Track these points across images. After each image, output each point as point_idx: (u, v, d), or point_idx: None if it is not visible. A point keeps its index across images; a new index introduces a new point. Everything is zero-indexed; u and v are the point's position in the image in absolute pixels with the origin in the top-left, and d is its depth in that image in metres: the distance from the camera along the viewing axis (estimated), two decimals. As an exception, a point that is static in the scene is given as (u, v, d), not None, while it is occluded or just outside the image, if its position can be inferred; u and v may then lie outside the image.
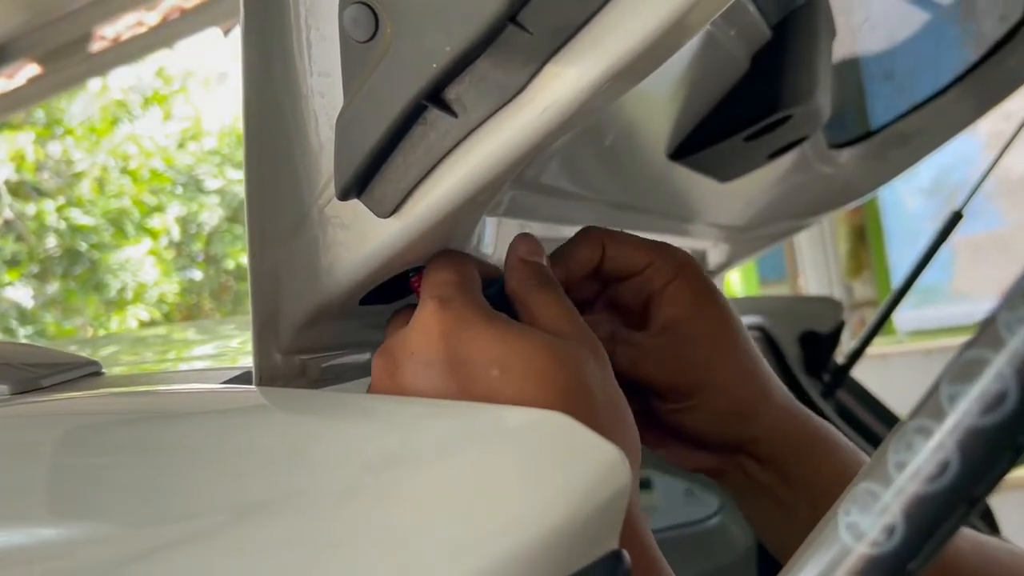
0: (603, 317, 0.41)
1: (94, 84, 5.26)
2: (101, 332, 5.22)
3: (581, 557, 0.23)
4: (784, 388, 0.41)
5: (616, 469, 0.24)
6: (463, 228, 0.37)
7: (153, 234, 5.48)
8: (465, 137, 0.31)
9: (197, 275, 5.83)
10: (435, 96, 0.30)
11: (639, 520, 0.31)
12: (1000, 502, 1.20)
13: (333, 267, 0.34)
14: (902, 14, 0.98)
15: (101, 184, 5.39)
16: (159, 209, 5.55)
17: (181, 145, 5.74)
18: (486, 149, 0.31)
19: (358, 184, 0.32)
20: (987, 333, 0.16)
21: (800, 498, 0.39)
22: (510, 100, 0.30)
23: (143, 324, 5.21)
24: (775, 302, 1.35)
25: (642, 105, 0.58)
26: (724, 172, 0.74)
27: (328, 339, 0.38)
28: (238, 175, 6.10)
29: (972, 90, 1.00)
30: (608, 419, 0.32)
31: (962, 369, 0.16)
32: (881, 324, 1.16)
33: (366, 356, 0.43)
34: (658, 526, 1.42)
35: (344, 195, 0.32)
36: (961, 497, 0.16)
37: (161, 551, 0.24)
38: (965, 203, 1.11)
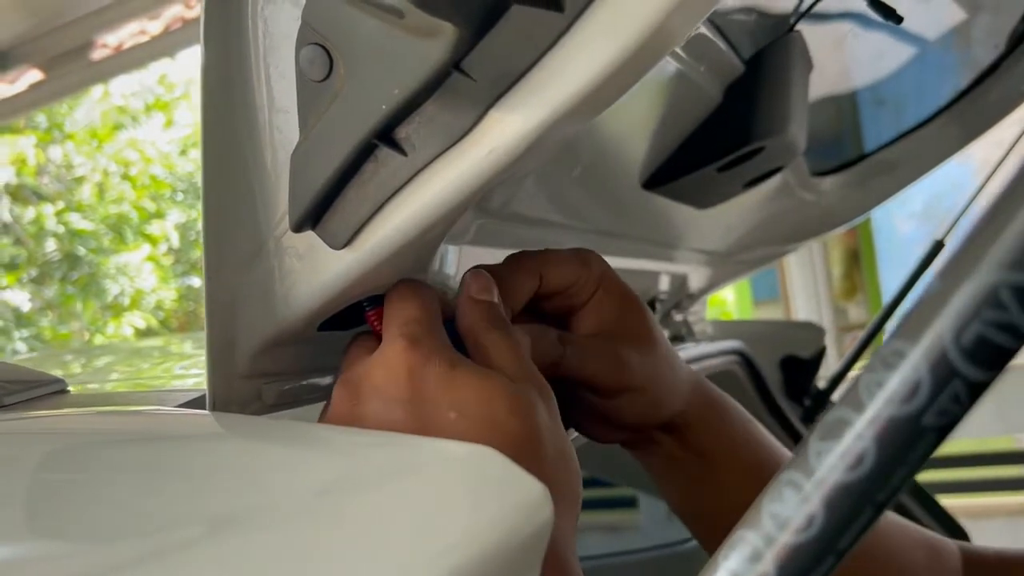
0: (546, 323, 0.42)
1: (96, 90, 5.28)
2: (97, 337, 5.23)
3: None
4: (688, 367, 0.44)
5: (539, 505, 0.25)
6: (419, 259, 0.37)
7: (152, 240, 5.50)
8: (415, 175, 0.32)
9: (195, 282, 5.83)
10: (385, 135, 0.31)
11: (569, 563, 0.32)
12: (981, 529, 1.21)
13: (288, 296, 0.35)
14: (895, 41, 0.99)
15: (101, 189, 5.41)
16: (159, 215, 5.56)
17: (182, 152, 5.77)
18: (435, 187, 0.32)
19: (312, 217, 0.33)
20: (849, 396, 0.17)
21: (696, 459, 0.44)
22: (457, 141, 0.31)
23: (139, 332, 5.21)
24: (756, 326, 1.36)
25: (614, 136, 0.59)
26: (700, 200, 0.75)
27: (285, 364, 0.39)
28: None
29: (957, 119, 1.01)
30: (554, 466, 0.33)
31: (828, 427, 0.17)
32: (863, 350, 1.17)
33: (324, 380, 0.44)
34: (640, 546, 1.42)
35: (298, 227, 0.33)
36: (827, 549, 0.17)
37: (114, 569, 0.25)
38: (947, 232, 1.12)
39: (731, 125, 0.64)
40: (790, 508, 0.17)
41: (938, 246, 1.12)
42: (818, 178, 1.01)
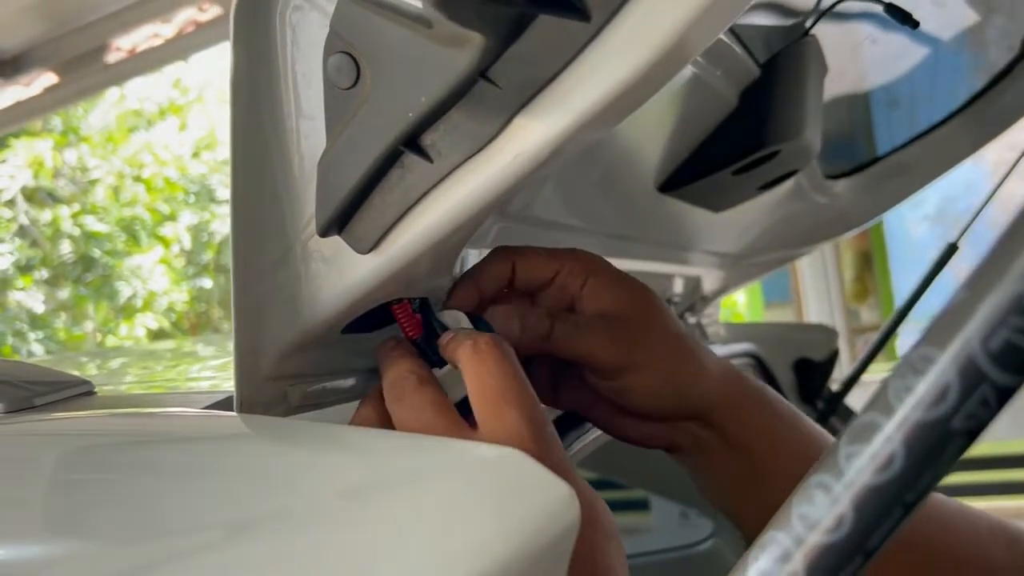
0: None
1: (112, 93, 5.32)
2: (110, 338, 5.26)
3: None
4: (720, 359, 0.43)
5: (566, 507, 0.25)
6: (442, 262, 0.38)
7: (165, 242, 5.53)
8: (440, 181, 0.32)
9: (207, 284, 5.85)
10: (412, 142, 0.32)
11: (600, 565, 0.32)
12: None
13: (315, 299, 0.36)
14: (910, 43, 0.99)
15: (116, 192, 5.45)
16: (172, 218, 5.59)
17: (195, 155, 5.80)
18: (460, 192, 0.32)
19: (339, 222, 0.34)
20: (877, 400, 0.17)
21: (738, 454, 0.42)
22: (482, 148, 0.31)
23: (151, 333, 5.24)
24: (769, 329, 1.36)
25: (631, 140, 0.60)
26: (715, 203, 0.76)
27: (310, 366, 0.39)
28: (250, 185, 6.14)
29: (971, 122, 1.01)
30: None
31: (857, 431, 0.17)
32: (876, 352, 1.16)
33: (348, 382, 0.44)
34: (652, 548, 1.43)
35: (325, 232, 0.34)
36: (856, 550, 0.17)
37: (138, 570, 0.25)
38: (961, 235, 1.12)
39: (746, 129, 0.64)
40: (820, 510, 0.18)
41: (952, 249, 1.12)
42: (831, 181, 1.01)
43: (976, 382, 0.16)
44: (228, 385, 0.40)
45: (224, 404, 0.39)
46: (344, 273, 0.35)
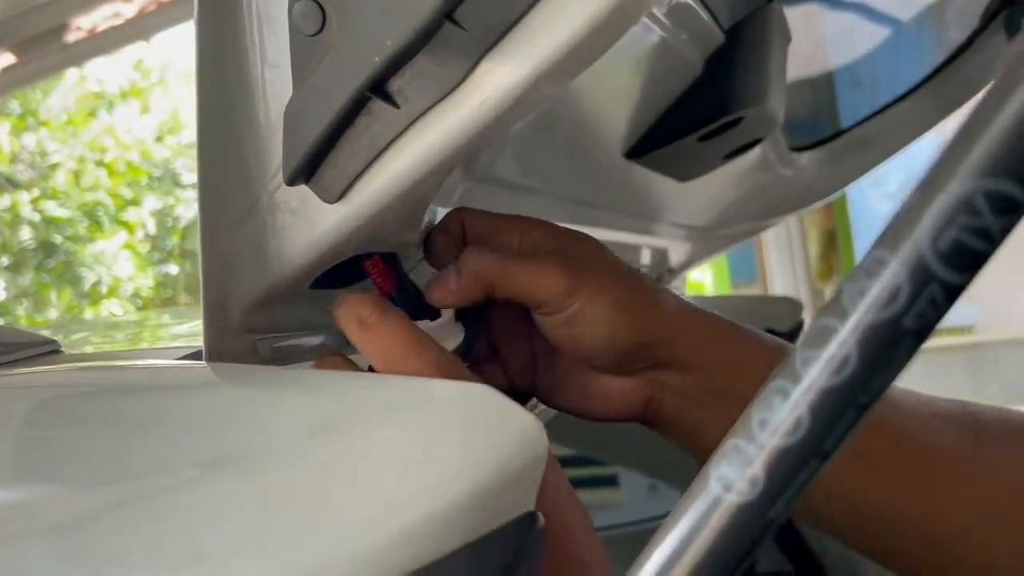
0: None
1: (71, 75, 5.22)
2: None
3: (500, 516, 0.25)
4: (676, 296, 0.42)
5: (534, 436, 0.26)
6: (410, 215, 0.38)
7: (129, 227, 5.45)
8: (407, 127, 0.32)
9: (173, 269, 5.79)
10: (378, 88, 0.32)
11: (562, 494, 0.33)
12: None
13: (282, 251, 0.36)
14: (869, 22, 1.00)
15: (77, 176, 5.35)
16: (135, 202, 5.51)
17: (158, 138, 5.71)
18: (428, 139, 0.32)
19: (306, 170, 0.34)
20: (834, 304, 0.18)
21: (714, 396, 0.41)
22: (449, 93, 0.31)
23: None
24: (734, 301, 1.37)
25: (596, 104, 0.60)
26: (681, 172, 0.76)
27: (278, 321, 0.39)
28: (216, 169, 6.08)
29: (933, 95, 1.02)
30: None
31: (813, 336, 0.18)
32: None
33: (317, 339, 0.45)
34: (622, 521, 1.44)
35: (292, 181, 0.34)
36: (813, 452, 0.18)
37: (109, 509, 0.25)
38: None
39: (711, 95, 0.65)
40: (778, 414, 0.18)
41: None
42: (796, 153, 1.02)
43: (925, 281, 0.16)
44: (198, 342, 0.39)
45: (194, 357, 0.39)
46: (312, 224, 0.35)
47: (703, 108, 0.65)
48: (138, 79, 5.60)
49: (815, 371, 0.18)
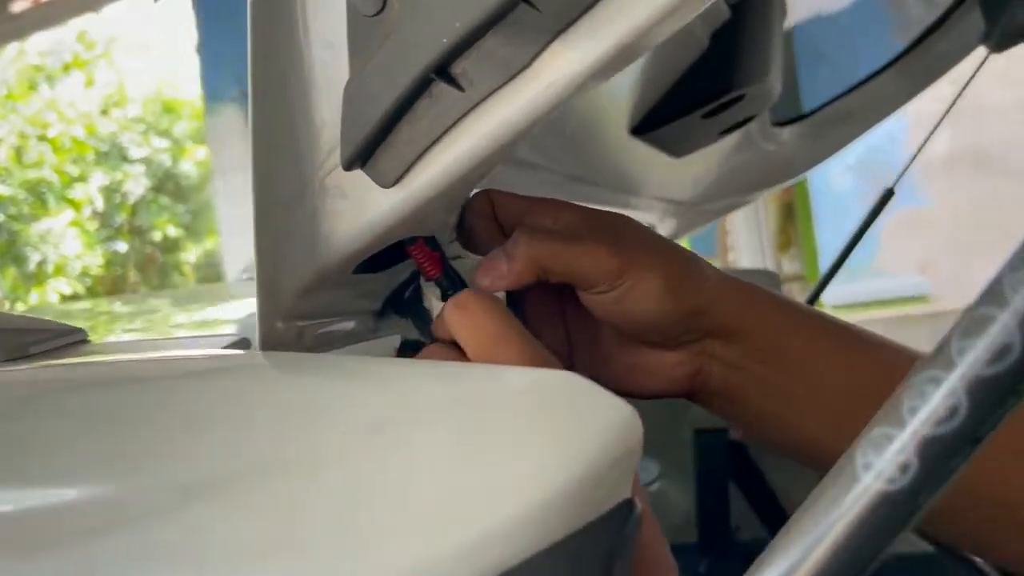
0: None
1: (10, 49, 5.03)
2: (19, 306, 5.04)
3: (600, 505, 0.25)
4: (712, 266, 0.43)
5: (631, 423, 0.26)
6: (459, 200, 0.38)
7: (75, 205, 5.30)
8: (469, 111, 0.32)
9: (122, 247, 5.65)
10: (442, 70, 0.31)
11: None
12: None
13: (332, 235, 0.35)
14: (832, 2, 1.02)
15: (18, 153, 5.18)
16: (81, 179, 5.36)
17: (104, 112, 5.55)
18: (489, 123, 0.32)
19: (363, 154, 0.33)
20: (993, 293, 0.18)
21: (765, 363, 0.41)
22: (515, 76, 0.31)
23: (64, 298, 5.04)
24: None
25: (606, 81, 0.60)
26: (679, 148, 0.76)
27: (323, 306, 0.39)
28: (163, 143, 5.94)
29: (906, 72, 1.04)
30: None
31: (970, 325, 0.18)
32: (815, 298, 1.21)
33: (350, 324, 0.44)
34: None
35: (349, 165, 0.33)
36: (968, 439, 0.18)
37: (175, 510, 0.25)
38: (897, 180, 1.16)
39: (716, 72, 0.65)
40: (931, 402, 0.18)
41: (888, 194, 1.16)
42: (778, 128, 1.03)
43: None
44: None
45: (239, 345, 0.38)
46: (364, 209, 0.35)
47: (708, 85, 0.65)
48: (82, 52, 5.42)
49: (972, 359, 0.18)
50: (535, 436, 0.25)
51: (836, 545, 0.19)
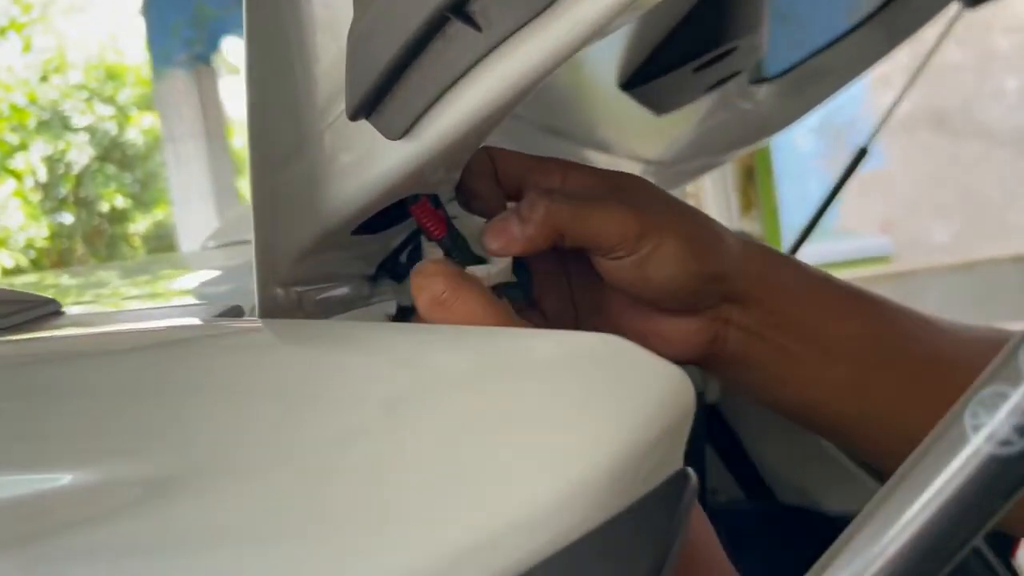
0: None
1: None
2: (-39, 281, 4.87)
3: (651, 480, 0.23)
4: (729, 230, 0.42)
5: (683, 387, 0.24)
6: (467, 154, 0.35)
7: (16, 175, 5.13)
8: (487, 53, 0.29)
9: (68, 219, 5.50)
10: (458, 8, 0.29)
11: None
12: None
13: (334, 193, 0.33)
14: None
15: (-46, 121, 4.98)
16: (22, 148, 5.18)
17: (44, 78, 5.35)
18: (509, 66, 0.29)
19: (369, 104, 0.30)
20: None
21: (785, 330, 0.40)
22: (538, 14, 0.28)
23: (7, 271, 4.89)
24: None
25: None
26: (665, 104, 0.74)
27: (321, 270, 0.36)
28: (108, 111, 5.75)
29: (881, 28, 1.03)
30: None
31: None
32: (798, 247, 1.20)
33: (343, 290, 0.41)
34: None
35: (354, 115, 0.31)
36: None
37: (197, 489, 0.23)
38: (870, 139, 1.16)
39: (708, 24, 0.63)
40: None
41: (862, 153, 1.16)
42: (755, 86, 1.02)
43: None
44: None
45: (231, 314, 0.36)
46: (369, 163, 0.32)
47: (701, 37, 0.63)
48: (18, 14, 5.21)
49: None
50: (575, 406, 0.23)
51: (942, 511, 0.18)
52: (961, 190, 2.53)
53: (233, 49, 3.82)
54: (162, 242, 5.77)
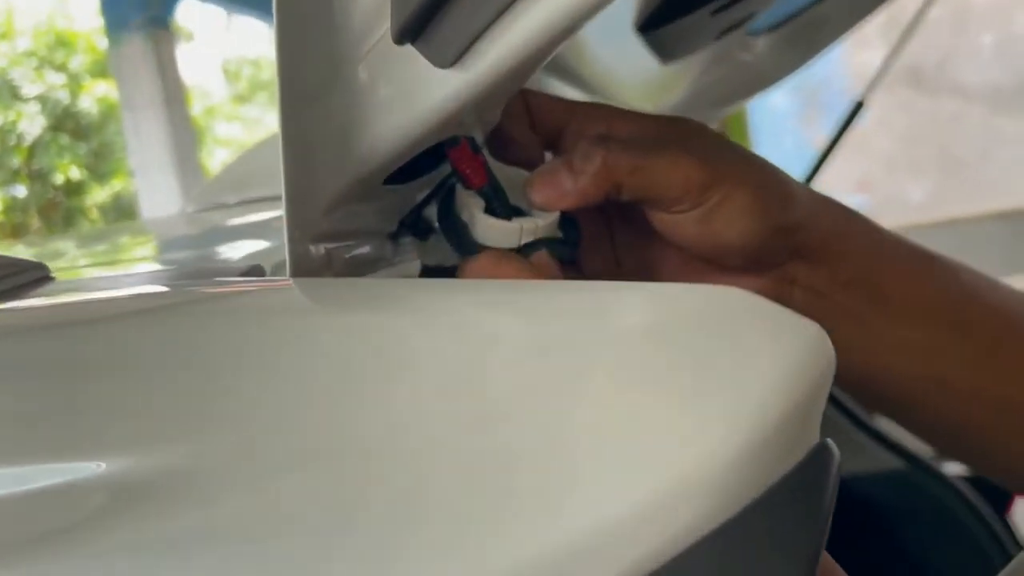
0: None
1: None
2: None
3: (788, 458, 0.20)
4: (804, 186, 0.39)
5: (822, 346, 0.21)
6: (517, 86, 0.31)
7: (-35, 147, 4.95)
8: (553, -34, 0.25)
9: (21, 191, 5.34)
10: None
11: None
12: None
13: (373, 131, 0.28)
14: None
15: None
16: (-30, 118, 5.00)
17: (-10, 44, 5.16)
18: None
19: (416, 26, 0.26)
20: None
21: (855, 290, 0.38)
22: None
23: (-40, 247, 4.74)
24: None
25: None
26: (675, 51, 0.71)
27: (349, 225, 0.32)
28: (59, 79, 5.56)
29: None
30: None
31: None
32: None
33: (366, 248, 0.37)
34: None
35: (400, 37, 0.26)
36: None
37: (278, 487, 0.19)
38: (866, 92, 1.13)
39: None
40: None
41: (858, 106, 1.13)
42: (753, 38, 0.99)
43: None
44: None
45: (252, 273, 0.31)
46: (414, 96, 0.28)
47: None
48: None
49: None
50: (700, 374, 0.20)
51: None
52: (938, 147, 2.53)
53: (189, 13, 3.70)
54: (122, 213, 5.62)
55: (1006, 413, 0.38)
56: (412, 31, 0.26)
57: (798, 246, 0.37)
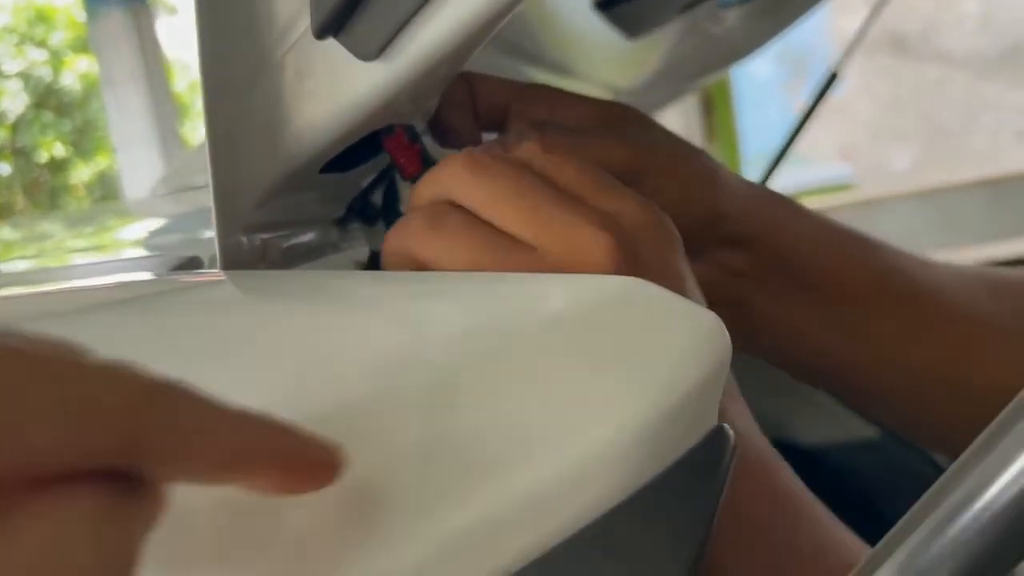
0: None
1: None
2: None
3: (688, 439, 0.20)
4: (726, 168, 0.39)
5: (718, 334, 0.21)
6: (449, 76, 0.31)
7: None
8: (473, -43, 0.25)
9: (5, 170, 5.29)
10: (439, -97, 0.25)
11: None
12: None
13: (299, 125, 0.29)
14: None
15: None
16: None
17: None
18: (498, -28, 0.25)
19: (338, 19, 0.26)
20: None
21: (785, 276, 0.39)
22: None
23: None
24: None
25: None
26: (639, 26, 0.71)
27: (286, 214, 0.32)
28: (41, 55, 5.50)
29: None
30: None
31: None
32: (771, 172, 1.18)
33: (309, 235, 0.38)
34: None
35: (321, 32, 0.26)
36: None
37: None
38: (839, 63, 1.13)
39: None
40: None
41: (832, 77, 1.13)
42: (724, 11, 0.98)
43: None
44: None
45: (188, 266, 0.32)
46: (339, 89, 0.28)
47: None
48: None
49: None
50: (597, 361, 0.20)
51: None
52: (920, 115, 2.52)
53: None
54: (108, 190, 5.58)
55: (934, 383, 0.40)
56: (332, 26, 0.26)
57: (729, 233, 0.38)
